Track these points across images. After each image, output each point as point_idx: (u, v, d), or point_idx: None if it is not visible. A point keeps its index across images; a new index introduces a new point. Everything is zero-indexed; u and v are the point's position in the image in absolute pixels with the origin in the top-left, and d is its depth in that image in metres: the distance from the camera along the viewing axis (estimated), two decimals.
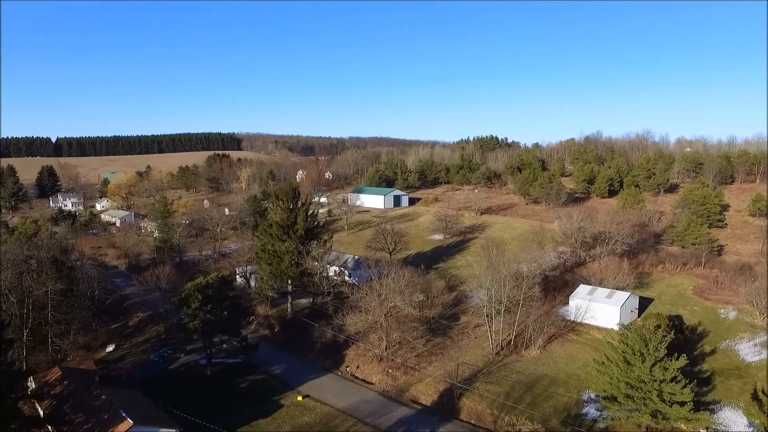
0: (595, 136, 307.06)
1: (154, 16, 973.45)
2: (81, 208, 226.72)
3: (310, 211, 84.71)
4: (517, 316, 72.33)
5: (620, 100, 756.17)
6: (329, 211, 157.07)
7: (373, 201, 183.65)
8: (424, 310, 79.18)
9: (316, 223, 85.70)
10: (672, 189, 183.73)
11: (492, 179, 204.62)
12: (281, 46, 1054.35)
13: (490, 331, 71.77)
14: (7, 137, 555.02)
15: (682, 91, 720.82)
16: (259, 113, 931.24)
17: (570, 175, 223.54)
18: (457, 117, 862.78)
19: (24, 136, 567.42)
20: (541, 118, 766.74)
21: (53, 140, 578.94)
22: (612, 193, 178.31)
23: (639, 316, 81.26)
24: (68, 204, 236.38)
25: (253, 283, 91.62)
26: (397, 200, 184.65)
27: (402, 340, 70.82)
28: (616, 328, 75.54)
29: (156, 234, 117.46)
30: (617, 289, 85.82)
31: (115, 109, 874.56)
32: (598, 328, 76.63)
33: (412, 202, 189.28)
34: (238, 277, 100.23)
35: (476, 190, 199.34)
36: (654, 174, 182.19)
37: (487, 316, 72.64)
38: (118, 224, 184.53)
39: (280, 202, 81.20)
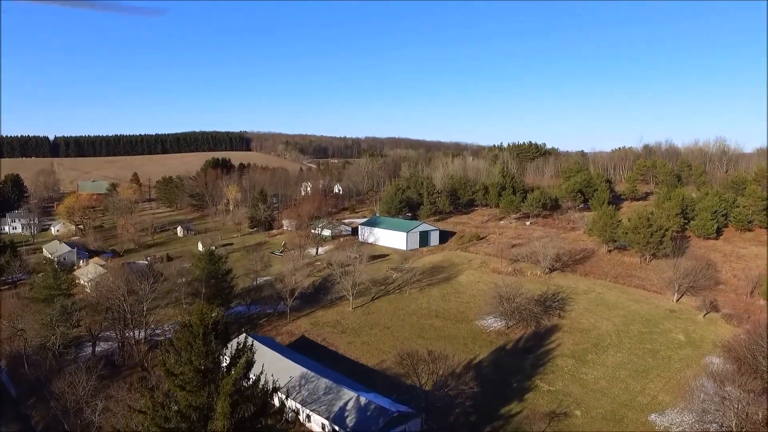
0: (659, 145, 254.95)
1: (163, 12, 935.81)
2: (30, 232, 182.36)
3: (251, 378, 37.24)
4: None
5: (682, 101, 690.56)
6: (328, 263, 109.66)
7: (392, 239, 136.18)
8: None
9: (264, 402, 37.78)
10: None
11: (547, 206, 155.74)
12: (295, 43, 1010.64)
13: None
14: (0, 136, 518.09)
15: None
16: (271, 112, 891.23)
17: (643, 198, 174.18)
18: (483, 117, 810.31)
19: (19, 134, 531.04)
20: (583, 122, 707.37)
21: (51, 139, 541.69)
22: (718, 232, 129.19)
23: None
24: (17, 227, 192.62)
25: None
26: (424, 238, 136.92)
27: None
28: None
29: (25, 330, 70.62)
30: None
31: (118, 107, 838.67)
32: None
33: (444, 237, 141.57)
34: None
35: (528, 222, 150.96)
36: None
37: None
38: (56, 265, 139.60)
39: (180, 362, 34.60)
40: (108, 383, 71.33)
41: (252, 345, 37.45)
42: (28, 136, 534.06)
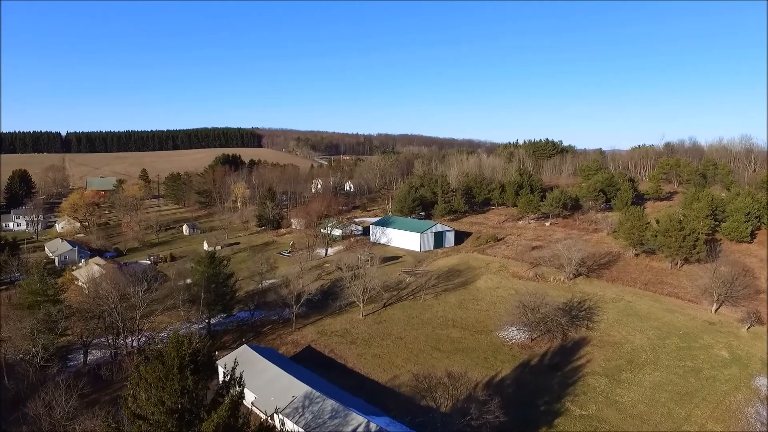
0: (682, 143, 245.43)
1: (178, 8, 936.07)
2: (33, 230, 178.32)
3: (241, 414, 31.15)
4: None
5: (703, 99, 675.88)
6: (338, 266, 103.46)
7: (405, 239, 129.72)
8: None
9: None
10: None
11: (567, 206, 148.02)
12: (307, 41, 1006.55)
13: None
14: (13, 132, 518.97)
15: None
16: (282, 108, 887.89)
17: (667, 198, 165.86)
18: (497, 115, 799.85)
19: (32, 130, 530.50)
20: (600, 120, 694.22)
21: (63, 135, 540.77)
22: (751, 235, 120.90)
23: None
24: (21, 224, 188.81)
25: None
26: (438, 239, 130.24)
27: None
28: None
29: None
30: None
31: (130, 103, 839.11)
32: None
33: (459, 238, 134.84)
34: None
35: (548, 223, 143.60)
36: None
37: None
38: (57, 264, 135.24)
39: (152, 399, 28.67)
40: (97, 398, 66.11)
41: (241, 378, 31.24)
42: (40, 131, 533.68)
